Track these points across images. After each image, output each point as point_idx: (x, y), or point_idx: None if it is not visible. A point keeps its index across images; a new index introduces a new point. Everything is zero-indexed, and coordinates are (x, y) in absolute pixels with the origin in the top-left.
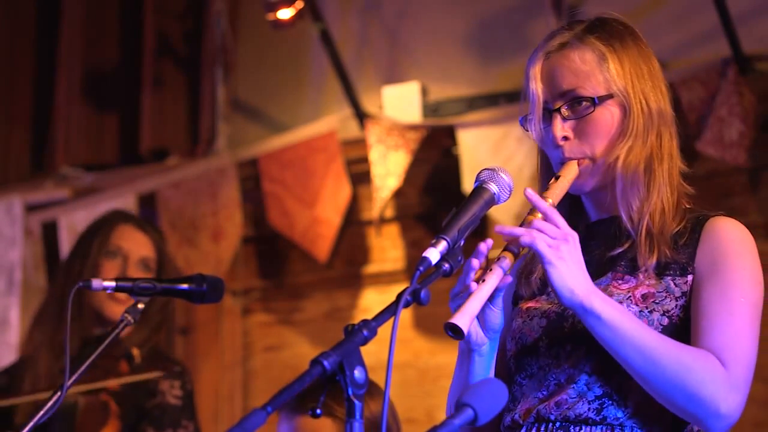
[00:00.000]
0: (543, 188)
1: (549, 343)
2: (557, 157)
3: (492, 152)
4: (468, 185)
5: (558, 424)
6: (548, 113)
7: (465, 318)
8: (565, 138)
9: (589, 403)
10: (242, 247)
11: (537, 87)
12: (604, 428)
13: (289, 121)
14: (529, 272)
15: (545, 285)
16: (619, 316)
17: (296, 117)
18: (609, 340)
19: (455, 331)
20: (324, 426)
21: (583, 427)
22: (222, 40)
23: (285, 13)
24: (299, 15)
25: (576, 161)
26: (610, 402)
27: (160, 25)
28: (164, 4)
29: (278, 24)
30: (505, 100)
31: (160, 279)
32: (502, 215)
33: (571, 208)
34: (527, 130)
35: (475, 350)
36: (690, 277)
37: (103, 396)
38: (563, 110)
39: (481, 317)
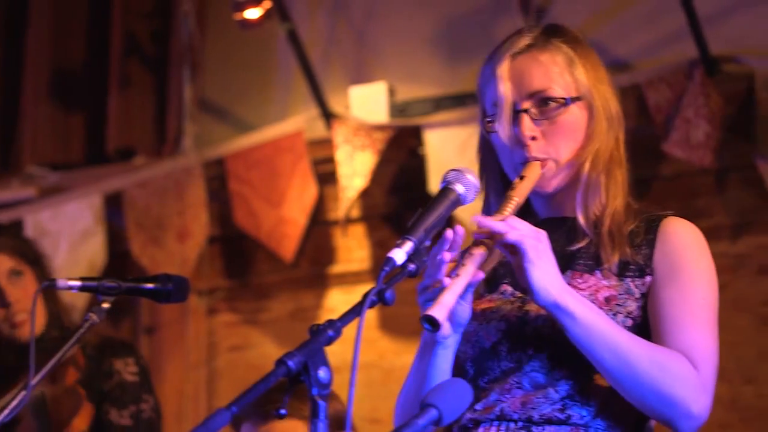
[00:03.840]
0: (492, 190)
1: (510, 348)
2: (520, 157)
3: (458, 153)
4: (434, 186)
5: (521, 423)
6: (515, 114)
7: (442, 310)
8: (533, 138)
9: (553, 404)
10: (208, 246)
11: (506, 87)
12: (569, 428)
13: (255, 120)
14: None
15: (495, 282)
16: (593, 316)
17: (263, 117)
18: (582, 339)
19: (432, 323)
20: (295, 428)
21: (546, 427)
22: (189, 39)
23: (252, 13)
24: (267, 15)
25: (539, 162)
26: (574, 402)
27: (127, 24)
28: (132, 4)
29: (246, 24)
30: (473, 101)
31: (125, 278)
32: (468, 216)
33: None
34: (489, 132)
35: (439, 343)
36: (648, 278)
37: (67, 381)
38: (532, 110)
39: (450, 311)
